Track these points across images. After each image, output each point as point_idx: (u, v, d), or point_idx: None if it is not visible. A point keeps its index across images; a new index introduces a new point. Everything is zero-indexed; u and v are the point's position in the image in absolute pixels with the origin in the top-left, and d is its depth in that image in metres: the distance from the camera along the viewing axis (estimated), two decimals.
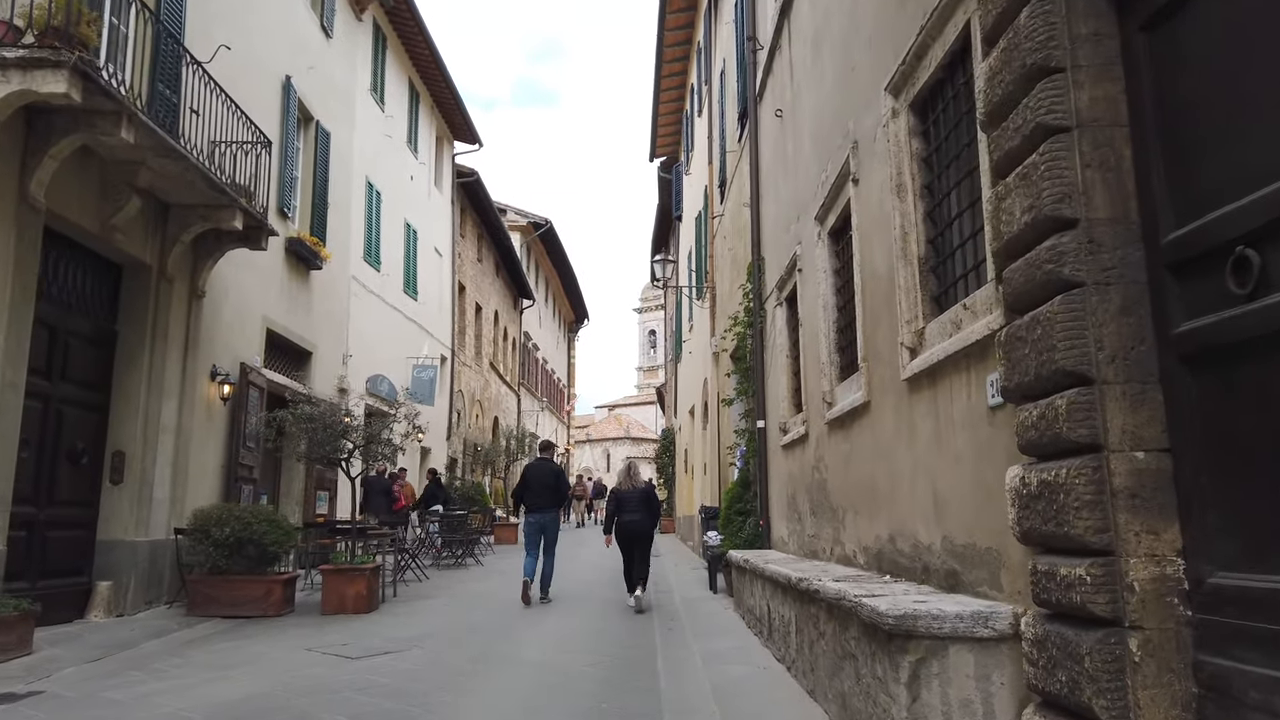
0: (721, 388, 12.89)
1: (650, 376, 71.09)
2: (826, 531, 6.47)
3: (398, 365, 17.82)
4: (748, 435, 9.95)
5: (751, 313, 9.59)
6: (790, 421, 8.06)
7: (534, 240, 34.71)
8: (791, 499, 7.86)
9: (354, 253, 15.51)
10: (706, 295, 14.39)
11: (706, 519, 12.37)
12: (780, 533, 8.47)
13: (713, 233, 13.96)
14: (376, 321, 16.66)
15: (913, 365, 4.31)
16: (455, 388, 22.66)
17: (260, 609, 8.40)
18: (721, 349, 11.26)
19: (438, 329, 21.00)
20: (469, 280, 24.64)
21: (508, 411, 31.33)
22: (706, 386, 14.89)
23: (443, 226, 21.75)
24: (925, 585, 4.21)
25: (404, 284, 18.35)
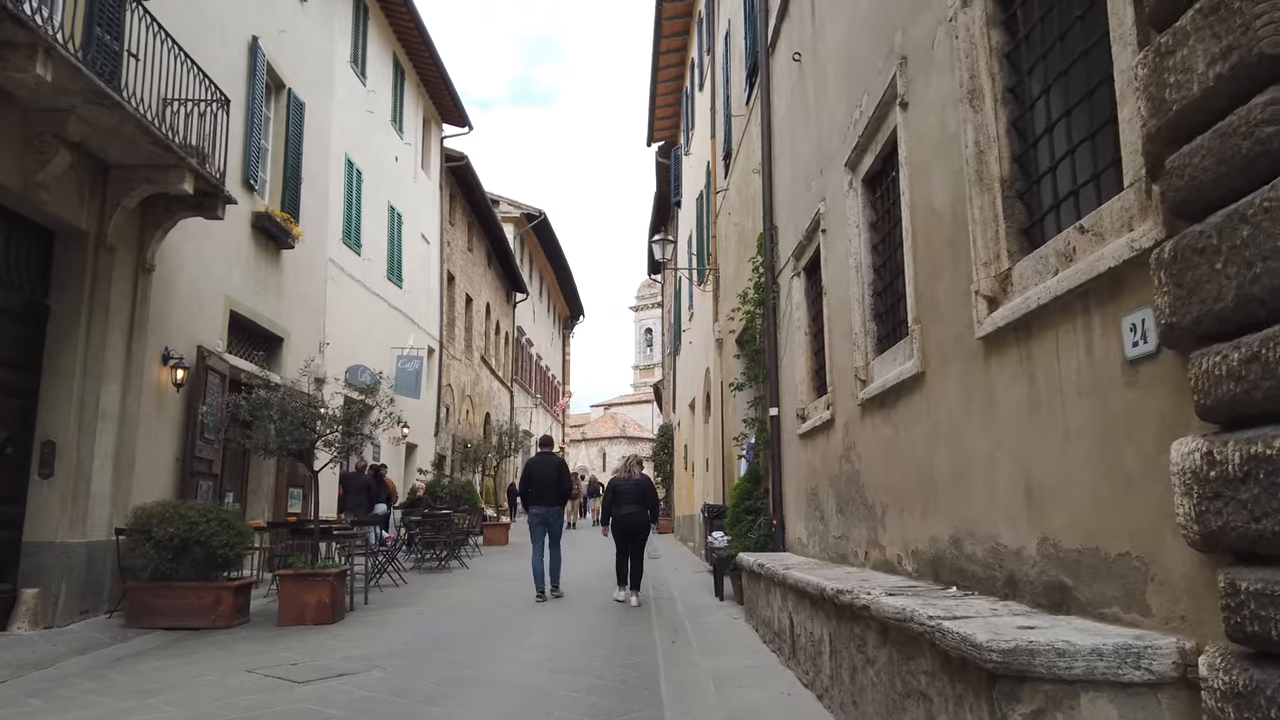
0: (726, 375, 11.92)
1: (646, 375, 70.35)
2: (859, 532, 5.50)
3: (381, 356, 16.83)
4: (757, 425, 8.99)
5: (762, 289, 8.63)
6: (810, 407, 7.09)
7: (528, 233, 33.74)
8: (812, 495, 6.90)
9: (332, 234, 14.52)
10: (709, 278, 13.43)
11: (710, 518, 11.41)
12: (797, 533, 7.50)
13: (715, 211, 13.00)
14: (357, 309, 15.66)
15: (993, 318, 3.35)
16: (444, 381, 21.67)
17: (208, 620, 7.41)
18: (730, 329, 10.29)
19: (425, 319, 20.02)
20: (459, 270, 23.65)
21: (500, 408, 30.34)
22: (709, 377, 13.93)
23: (430, 212, 20.76)
24: (1013, 602, 3.25)
25: (388, 270, 17.36)
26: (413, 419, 18.70)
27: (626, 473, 9.69)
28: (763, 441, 8.74)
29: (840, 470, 5.97)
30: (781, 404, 8.11)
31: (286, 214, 12.18)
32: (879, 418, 5.02)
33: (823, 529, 6.56)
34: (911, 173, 4.36)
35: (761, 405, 8.99)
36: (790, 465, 7.78)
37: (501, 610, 8.50)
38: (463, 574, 12.02)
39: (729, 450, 11.71)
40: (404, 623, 7.69)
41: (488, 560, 14.29)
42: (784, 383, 8.04)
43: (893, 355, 4.85)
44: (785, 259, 7.92)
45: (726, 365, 11.96)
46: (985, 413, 3.51)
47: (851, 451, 5.68)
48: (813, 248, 6.83)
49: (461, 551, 14.63)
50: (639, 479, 9.60)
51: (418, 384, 17.34)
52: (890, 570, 4.83)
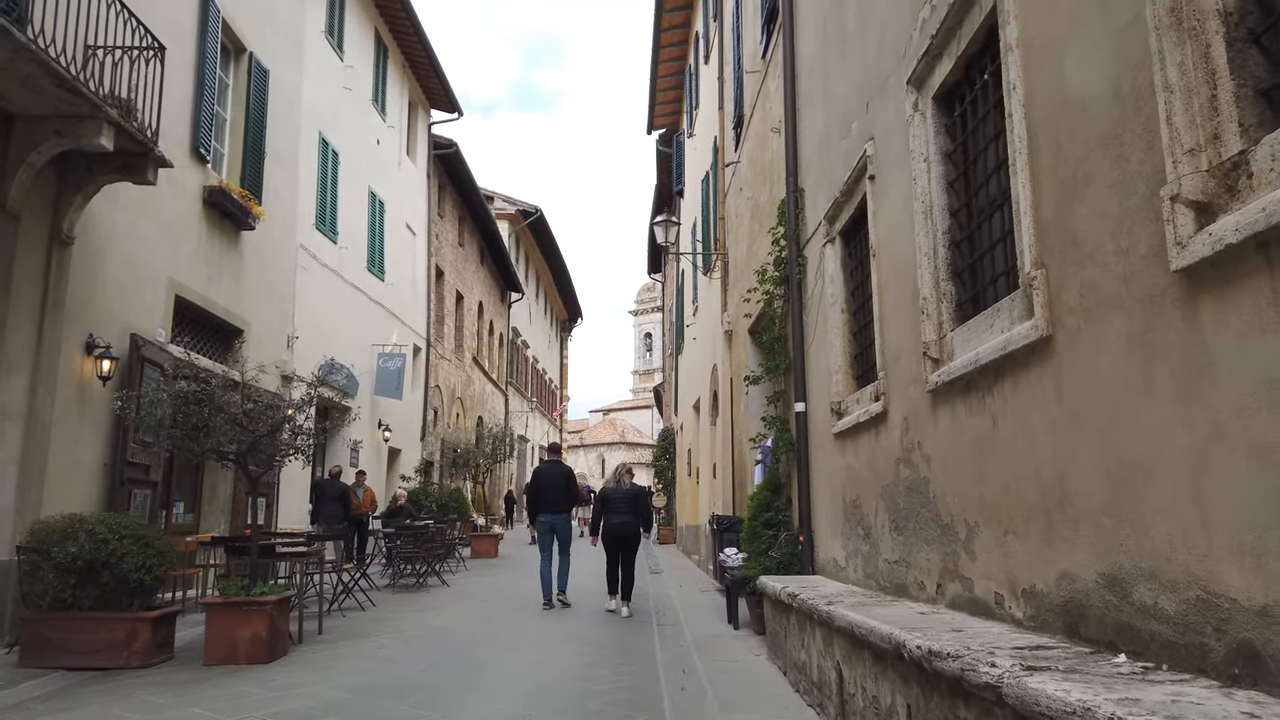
0: (737, 370, 10.66)
1: (646, 380, 69.27)
2: (926, 557, 4.23)
3: (360, 352, 15.56)
4: (777, 425, 7.73)
5: (784, 263, 7.37)
6: (848, 400, 5.83)
7: (523, 231, 32.50)
8: (852, 507, 5.62)
9: (303, 218, 13.26)
10: (716, 265, 12.17)
11: (721, 531, 10.11)
12: (831, 553, 6.22)
13: (724, 190, 11.74)
14: (332, 301, 14.40)
15: (1213, 234, 2.09)
16: (432, 382, 20.39)
17: (120, 658, 6.12)
18: (744, 314, 8.99)
19: (410, 316, 18.75)
20: (448, 265, 22.40)
21: (494, 412, 29.06)
22: (716, 374, 12.66)
23: (416, 201, 19.51)
24: (1253, 691, 1.98)
25: (368, 261, 16.09)
26: (396, 421, 17.43)
27: (617, 482, 9.53)
28: (784, 443, 7.48)
29: (896, 477, 4.70)
30: (809, 398, 6.84)
31: (246, 191, 10.93)
32: (963, 407, 3.75)
33: (868, 549, 5.29)
34: (1027, 57, 3.10)
35: (783, 401, 7.73)
36: (821, 471, 6.51)
37: (478, 641, 7.21)
38: (442, 593, 10.72)
39: (741, 454, 10.44)
40: (356, 661, 6.40)
41: (473, 576, 12.99)
42: (812, 373, 6.78)
43: (986, 321, 3.58)
44: (814, 226, 6.66)
45: (737, 359, 10.70)
46: (1189, 387, 2.24)
47: (915, 453, 4.41)
48: (853, 204, 5.57)
49: (445, 566, 13.33)
50: (630, 488, 9.46)
51: (400, 384, 16.07)
52: (983, 613, 3.56)
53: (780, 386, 7.80)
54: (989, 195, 3.70)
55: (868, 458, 5.28)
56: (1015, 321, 3.22)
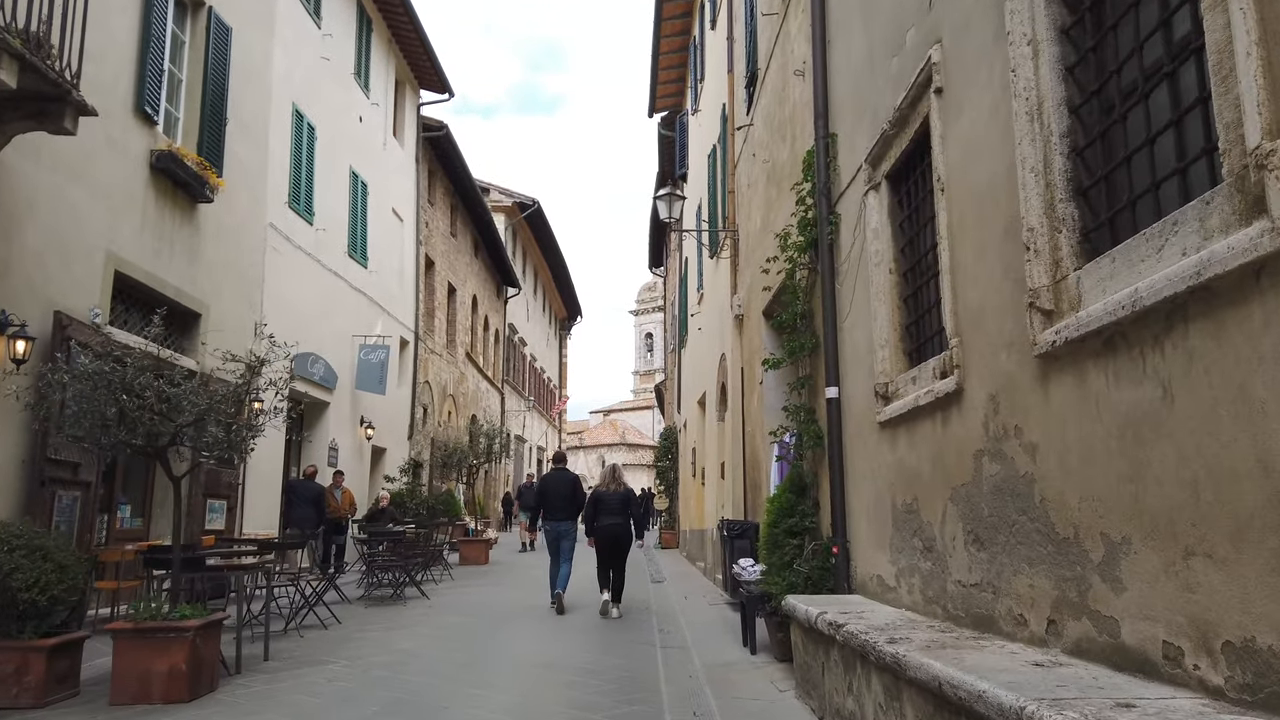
0: (750, 358, 9.55)
1: (647, 381, 68.28)
2: (1029, 582, 3.12)
3: (339, 343, 14.45)
4: (802, 415, 6.61)
5: (810, 225, 6.26)
6: (899, 380, 4.72)
7: (520, 224, 31.42)
8: (905, 513, 4.51)
9: (274, 195, 12.16)
10: (724, 244, 11.05)
11: (731, 537, 9.01)
12: (874, 569, 5.11)
13: (733, 160, 10.64)
14: (308, 287, 13.29)
15: None
16: (420, 378, 19.28)
17: (8, 695, 5.02)
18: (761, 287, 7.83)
19: (397, 307, 17.64)
20: (439, 255, 21.29)
21: (489, 411, 27.94)
22: (724, 365, 11.55)
23: (404, 186, 18.40)
24: None
25: (349, 246, 14.99)
26: (381, 419, 16.32)
27: (613, 483, 9.44)
28: (811, 437, 6.36)
29: (977, 474, 3.59)
30: (843, 382, 5.73)
31: (204, 160, 9.83)
32: (1101, 373, 2.64)
33: (930, 566, 4.17)
34: None
35: (809, 387, 6.62)
36: (861, 468, 5.39)
37: (450, 671, 6.10)
38: (419, 607, 9.59)
39: (754, 451, 9.33)
40: (296, 699, 5.28)
41: (458, 586, 11.87)
42: (848, 351, 5.67)
43: (1148, 244, 2.46)
44: (850, 175, 5.56)
45: (750, 345, 9.59)
46: None
47: (1008, 442, 3.30)
48: (908, 135, 4.46)
49: (427, 574, 12.23)
50: (623, 491, 9.39)
51: (383, 378, 14.95)
52: (1140, 670, 2.45)
53: (805, 371, 6.69)
54: (1140, 71, 2.59)
55: (930, 450, 4.17)
56: (1219, 232, 2.11)
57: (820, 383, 6.23)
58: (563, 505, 9.53)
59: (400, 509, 15.03)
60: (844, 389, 5.72)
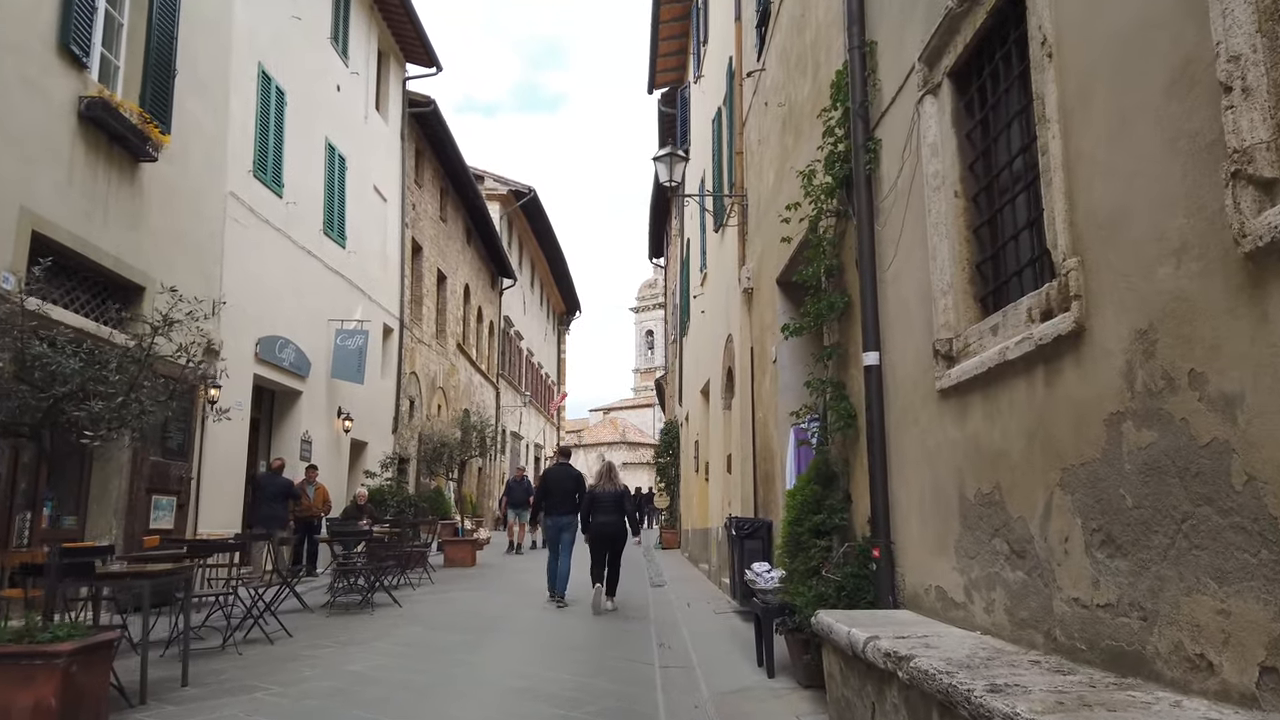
0: (761, 335, 8.46)
1: (647, 379, 67.26)
2: (1221, 606, 2.02)
3: (313, 328, 13.36)
4: (829, 391, 5.50)
5: (840, 160, 5.17)
6: (971, 333, 3.63)
7: (516, 213, 30.37)
8: (982, 506, 3.41)
9: (236, 161, 11.07)
10: (731, 213, 9.94)
11: (742, 537, 7.92)
12: (934, 577, 4.00)
13: (741, 117, 9.54)
14: (277, 265, 12.20)
15: None
16: (406, 368, 18.18)
17: None
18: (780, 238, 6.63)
19: (380, 292, 16.54)
20: (428, 240, 20.20)
21: (483, 405, 26.85)
22: (731, 347, 10.45)
23: (388, 164, 17.30)
24: None
25: (325, 223, 13.89)
26: (361, 410, 15.22)
27: (608, 482, 9.35)
28: (841, 416, 5.26)
29: (1116, 448, 2.49)
30: (886, 345, 4.63)
31: (147, 113, 8.74)
32: None
33: (1022, 578, 3.08)
34: None
35: (838, 358, 5.51)
36: (911, 451, 4.29)
37: (397, 705, 5.01)
38: (388, 617, 8.50)
39: (765, 440, 8.24)
40: None
41: (437, 590, 10.77)
42: (891, 307, 4.57)
43: None
44: (897, 85, 4.46)
45: (762, 320, 8.51)
46: None
47: (1175, 397, 2.21)
48: (987, 5, 3.37)
49: (405, 578, 11.14)
50: (618, 489, 9.38)
51: (361, 366, 13.86)
52: None
53: (833, 337, 5.59)
54: None
55: (1023, 420, 3.07)
56: None
57: (854, 349, 5.14)
58: (565, 500, 9.54)
59: (380, 507, 13.95)
60: (886, 354, 4.62)
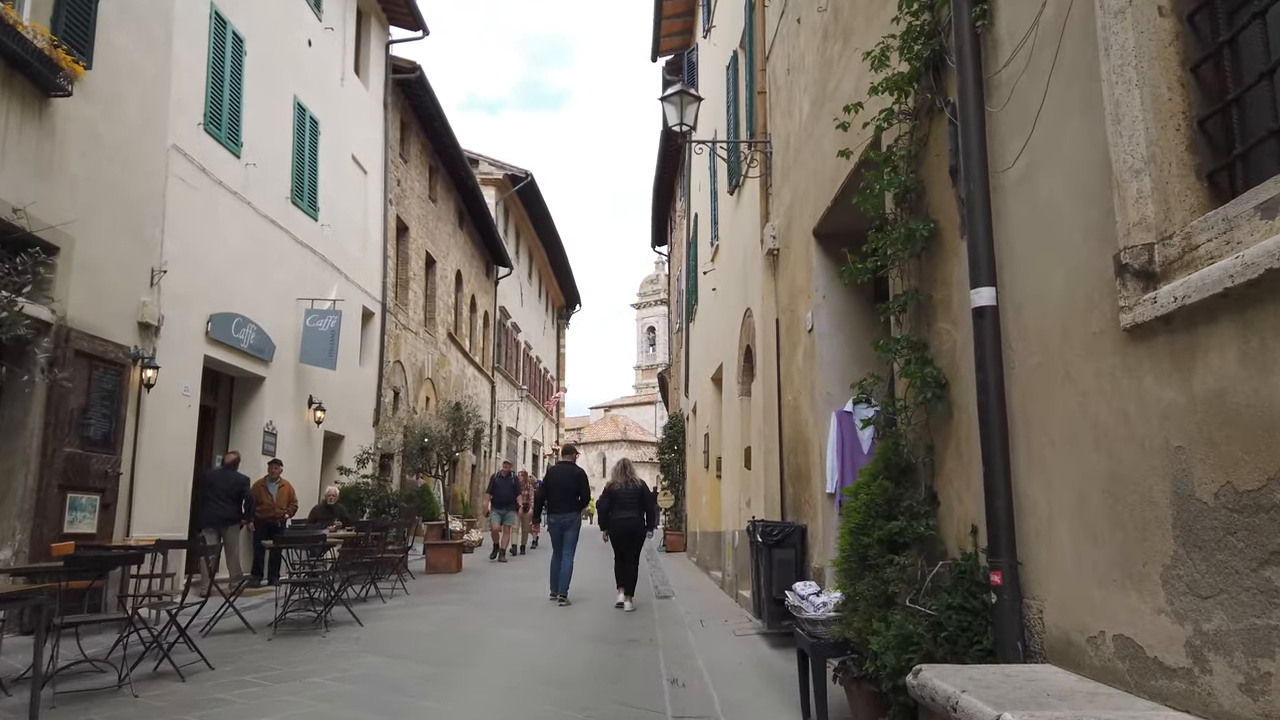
0: (790, 303, 7.04)
1: (649, 376, 66.07)
2: None
3: (279, 307, 11.96)
4: (902, 354, 4.06)
5: (925, 33, 3.76)
6: (1201, 227, 2.21)
7: (513, 200, 28.99)
8: (1250, 512, 1.99)
9: (182, 112, 9.67)
10: (752, 163, 8.51)
11: (769, 545, 6.51)
12: (1114, 622, 2.56)
13: (765, 48, 8.12)
14: (233, 232, 10.79)
15: None
16: (390, 356, 16.77)
17: None
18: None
19: (359, 272, 15.13)
20: (415, 220, 18.79)
21: (477, 399, 25.43)
22: (749, 322, 9.03)
23: (369, 134, 15.88)
24: None
25: (294, 191, 12.48)
26: (336, 400, 13.82)
27: (625, 479, 9.38)
28: (926, 386, 3.81)
29: None
30: (1009, 277, 3.21)
31: (58, 39, 7.34)
32: None
33: None
34: None
35: (918, 308, 4.07)
36: (1062, 428, 2.86)
37: None
38: (342, 640, 7.08)
39: (797, 428, 6.82)
40: None
41: (409, 604, 9.35)
42: (1017, 220, 3.15)
43: None
44: None
45: (792, 284, 7.09)
46: None
47: None
48: None
49: (376, 587, 9.74)
50: (637, 485, 9.40)
51: (333, 349, 12.44)
52: None
53: (910, 282, 4.15)
54: None
55: None
56: None
57: (944, 293, 3.73)
58: (568, 497, 9.55)
59: (354, 507, 12.55)
60: (1008, 289, 3.20)
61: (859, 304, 6.25)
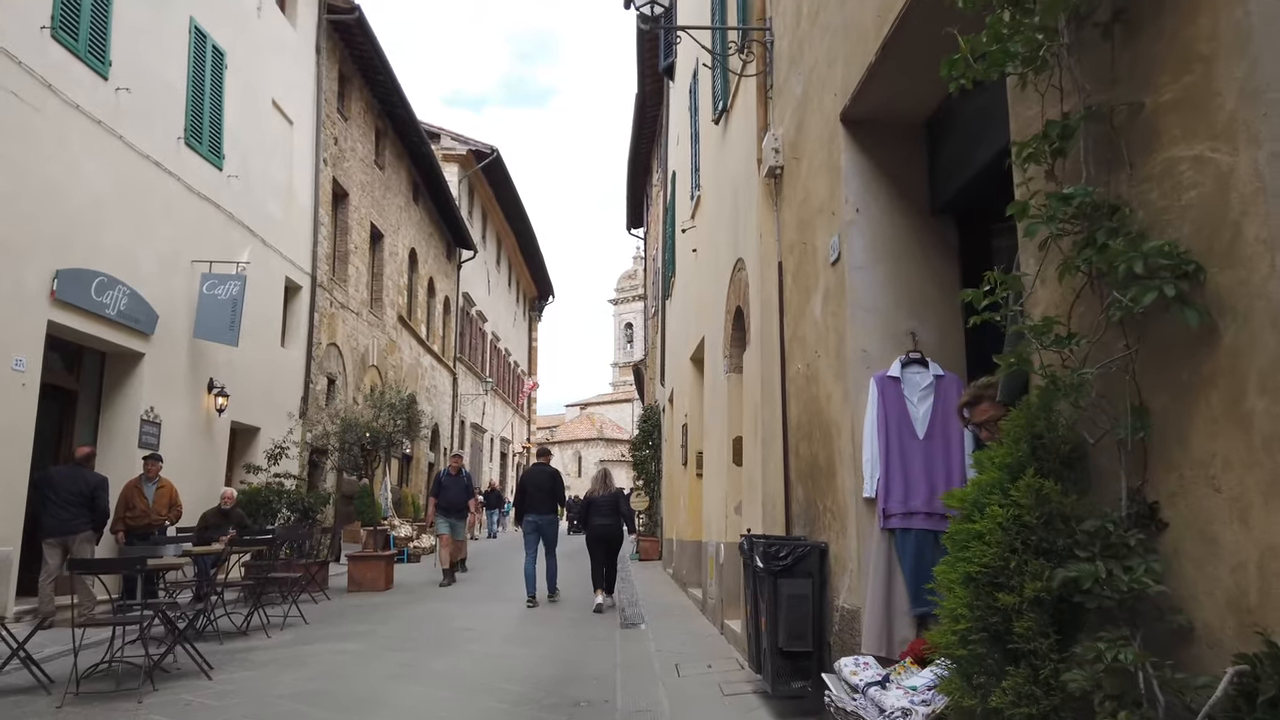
0: (808, 223, 5.01)
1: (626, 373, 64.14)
2: None
3: (166, 269, 9.81)
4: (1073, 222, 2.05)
5: None
6: None
7: (478, 178, 26.86)
8: None
9: (14, 9, 7.53)
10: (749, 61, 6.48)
11: (774, 574, 4.50)
12: None
13: None
14: (97, 171, 8.65)
15: None
16: (323, 338, 14.62)
17: None
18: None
19: (282, 237, 12.97)
20: (357, 187, 16.62)
21: (436, 392, 23.31)
22: (741, 276, 7.01)
23: (296, 78, 13.71)
24: None
25: (189, 131, 10.32)
26: (247, 384, 11.68)
27: (603, 487, 9.66)
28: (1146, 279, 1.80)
29: None
30: None
31: None
32: None
33: None
34: None
35: (1100, 142, 2.05)
36: None
37: None
38: (170, 704, 4.99)
39: (814, 406, 4.80)
40: None
41: (304, 637, 7.24)
42: None
43: None
44: None
45: (805, 207, 5.07)
46: None
47: None
48: None
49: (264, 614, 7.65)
50: (613, 493, 9.69)
51: (234, 322, 10.28)
52: None
53: (1079, 95, 2.13)
54: None
55: None
56: None
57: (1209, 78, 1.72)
58: (544, 499, 9.61)
59: (260, 512, 10.40)
60: None
61: (909, 218, 4.27)
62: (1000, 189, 3.85)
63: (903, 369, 4.11)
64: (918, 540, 3.96)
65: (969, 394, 2.90)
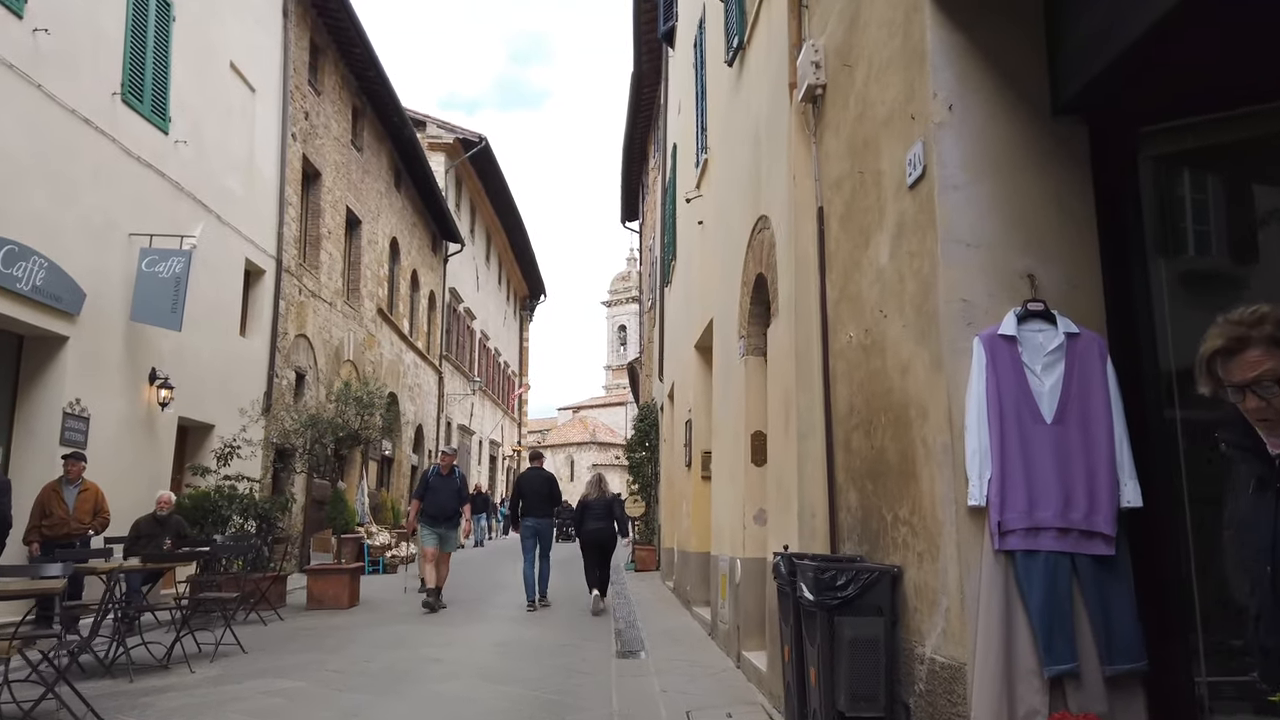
0: (874, 144, 3.82)
1: (620, 376, 62.98)
2: None
3: (100, 243, 8.56)
4: None
5: None
6: None
7: (465, 169, 25.65)
8: None
9: None
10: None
11: (829, 609, 3.28)
12: None
13: None
14: (9, 126, 7.41)
15: None
16: (291, 328, 13.37)
17: None
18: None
19: (241, 215, 11.71)
20: (331, 167, 15.37)
21: (420, 392, 22.08)
22: (763, 236, 5.81)
23: (260, 42, 12.46)
24: None
25: (126, 88, 9.07)
26: (202, 376, 10.43)
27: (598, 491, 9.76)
28: None
29: None
30: None
31: None
32: None
33: None
34: None
35: None
36: None
37: None
38: None
39: (876, 382, 3.61)
40: None
41: (233, 673, 5.99)
42: None
43: None
44: None
45: (853, 136, 3.87)
46: None
47: None
48: None
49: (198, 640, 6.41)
50: (607, 498, 9.80)
51: (178, 303, 9.01)
52: None
53: None
54: None
55: None
56: None
57: None
58: (540, 503, 9.58)
59: (206, 519, 9.15)
60: None
61: (1022, 120, 3.08)
62: (1156, 77, 2.69)
63: (1019, 325, 2.92)
64: (1049, 567, 2.77)
65: (1219, 337, 1.69)
